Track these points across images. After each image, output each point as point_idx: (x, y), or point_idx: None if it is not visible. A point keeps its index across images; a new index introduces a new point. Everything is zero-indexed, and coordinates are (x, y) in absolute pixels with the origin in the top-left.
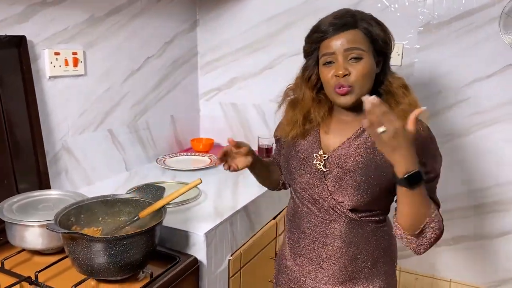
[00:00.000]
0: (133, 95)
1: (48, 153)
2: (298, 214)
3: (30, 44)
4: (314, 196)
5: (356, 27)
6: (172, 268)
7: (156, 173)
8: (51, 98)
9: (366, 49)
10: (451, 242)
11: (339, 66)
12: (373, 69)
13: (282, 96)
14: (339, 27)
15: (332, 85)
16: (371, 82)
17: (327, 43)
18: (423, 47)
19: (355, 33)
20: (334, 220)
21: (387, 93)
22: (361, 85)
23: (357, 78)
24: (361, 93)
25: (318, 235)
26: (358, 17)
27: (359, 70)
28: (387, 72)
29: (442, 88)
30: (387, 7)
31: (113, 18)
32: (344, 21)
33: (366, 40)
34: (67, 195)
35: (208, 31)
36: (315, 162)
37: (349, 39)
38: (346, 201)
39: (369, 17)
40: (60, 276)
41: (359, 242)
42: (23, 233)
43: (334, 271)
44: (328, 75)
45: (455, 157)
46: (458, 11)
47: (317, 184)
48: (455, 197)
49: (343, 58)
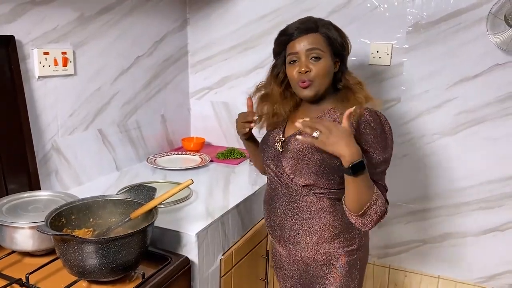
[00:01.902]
0: (123, 94)
1: (37, 154)
2: (271, 194)
3: (19, 44)
4: (276, 173)
5: (317, 31)
6: (164, 268)
7: (146, 172)
8: (40, 98)
9: (325, 50)
10: (439, 239)
11: (301, 64)
12: (330, 68)
13: (254, 90)
14: (303, 30)
15: (296, 80)
16: (329, 78)
17: (292, 44)
18: (412, 47)
19: (315, 36)
20: (296, 194)
21: (345, 87)
22: (320, 80)
23: (316, 75)
24: (319, 88)
25: (287, 208)
26: (319, 24)
27: (318, 68)
28: (344, 71)
29: (430, 87)
30: (377, 7)
31: (103, 17)
32: (307, 26)
33: (325, 43)
34: (57, 196)
35: (198, 30)
36: (276, 144)
37: (310, 41)
38: (298, 177)
39: (328, 24)
40: (51, 278)
41: (320, 216)
42: (13, 234)
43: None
44: (293, 72)
45: (442, 156)
46: (446, 12)
47: (276, 162)
48: (441, 195)
49: (305, 57)
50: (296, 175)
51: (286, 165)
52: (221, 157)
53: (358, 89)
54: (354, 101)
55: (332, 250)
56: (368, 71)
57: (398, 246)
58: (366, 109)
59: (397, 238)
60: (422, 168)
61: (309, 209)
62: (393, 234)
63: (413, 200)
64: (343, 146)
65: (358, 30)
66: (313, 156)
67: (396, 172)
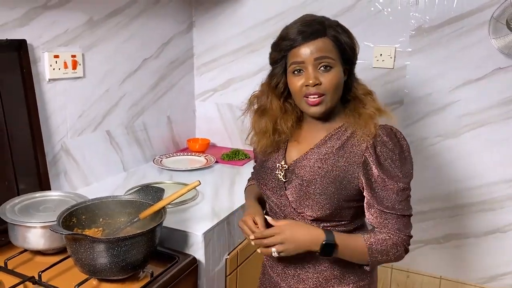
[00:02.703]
0: (131, 96)
1: (47, 155)
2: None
3: (30, 47)
4: (278, 205)
5: (325, 35)
6: (172, 267)
7: (153, 173)
8: (50, 101)
9: (336, 58)
10: (441, 240)
11: (309, 76)
12: (342, 78)
13: (247, 103)
14: (308, 35)
15: (302, 95)
16: (340, 91)
17: (296, 52)
18: (415, 50)
19: (324, 41)
20: None
21: (354, 99)
22: (332, 94)
23: (328, 88)
24: (332, 103)
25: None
26: (326, 24)
27: (330, 79)
28: (353, 79)
29: (432, 91)
30: (380, 11)
31: (111, 20)
32: (312, 29)
33: (335, 48)
34: (67, 196)
35: (204, 33)
36: (277, 173)
37: (318, 47)
38: (306, 211)
39: (335, 24)
40: (63, 276)
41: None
42: (26, 233)
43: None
44: (297, 84)
45: (444, 158)
46: (449, 16)
47: (278, 194)
48: (444, 196)
49: (313, 67)
50: (303, 208)
51: (291, 197)
52: (226, 158)
53: (368, 100)
54: (365, 116)
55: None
56: (371, 74)
57: None
58: (380, 127)
59: None
60: (424, 170)
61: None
62: None
63: (416, 201)
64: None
65: (361, 33)
66: (325, 188)
67: None
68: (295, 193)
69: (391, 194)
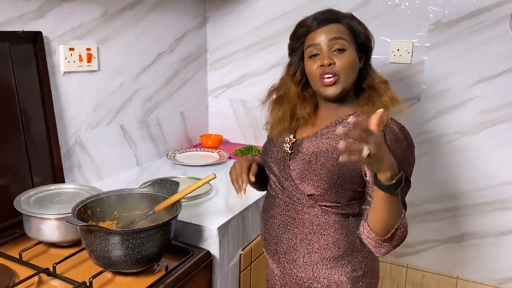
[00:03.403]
0: (145, 91)
1: (61, 148)
2: (269, 202)
3: (46, 39)
4: (279, 178)
5: (339, 22)
6: (186, 261)
7: (167, 168)
8: (65, 94)
9: (349, 40)
10: (458, 239)
11: (324, 56)
12: (356, 62)
13: (266, 94)
14: (323, 20)
15: (318, 76)
16: (355, 74)
17: (312, 36)
18: (433, 45)
19: (338, 26)
20: (299, 204)
21: (370, 87)
22: (346, 75)
23: (342, 68)
24: (346, 84)
25: (286, 219)
26: (340, 14)
27: (343, 60)
28: (369, 68)
29: (450, 86)
30: (398, 5)
31: (127, 14)
32: (327, 16)
33: (349, 34)
34: (82, 189)
35: (217, 28)
36: (284, 145)
37: (333, 30)
38: (305, 186)
39: (350, 16)
40: (77, 268)
41: (322, 232)
42: (40, 225)
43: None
44: (313, 67)
45: (462, 155)
46: (468, 10)
47: (281, 165)
48: (462, 194)
49: (328, 48)
50: (302, 181)
51: (293, 168)
52: (239, 154)
53: (383, 89)
54: (379, 105)
55: (334, 275)
56: (388, 70)
57: (416, 245)
58: (392, 119)
59: (416, 237)
60: (441, 168)
61: (312, 223)
62: (411, 233)
63: (432, 199)
64: (388, 162)
65: (378, 28)
66: (327, 162)
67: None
68: (298, 165)
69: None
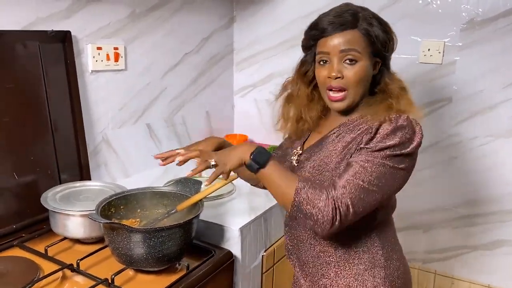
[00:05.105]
0: (171, 90)
1: (88, 146)
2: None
3: (74, 39)
4: None
5: (356, 27)
6: (208, 261)
7: (191, 167)
8: (92, 92)
9: (363, 51)
10: (490, 246)
11: (332, 68)
12: (368, 73)
13: (281, 87)
14: (337, 26)
15: (325, 87)
16: (365, 86)
17: (324, 42)
18: (466, 45)
19: (353, 33)
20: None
21: (382, 92)
22: (355, 88)
23: (350, 82)
24: (354, 99)
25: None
26: (360, 16)
27: (353, 73)
28: (385, 74)
29: (483, 88)
30: (429, 4)
31: (154, 14)
32: (343, 20)
33: (364, 41)
34: (107, 186)
35: (244, 28)
36: (292, 158)
37: (346, 39)
38: None
39: (370, 16)
40: (100, 265)
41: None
42: (66, 222)
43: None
44: (322, 75)
45: (494, 159)
46: (503, 8)
47: None
48: (493, 200)
49: (338, 59)
50: None
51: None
52: None
53: (396, 95)
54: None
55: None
56: (418, 70)
57: (445, 251)
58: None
59: (444, 243)
60: (472, 172)
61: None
62: (440, 239)
63: (462, 204)
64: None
65: (408, 27)
66: (333, 171)
67: (444, 174)
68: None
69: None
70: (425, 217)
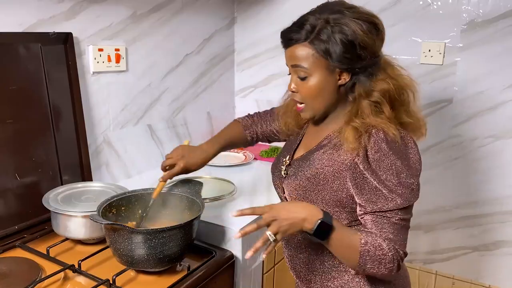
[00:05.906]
0: (172, 91)
1: (90, 147)
2: None
3: (76, 40)
4: (280, 198)
5: (307, 39)
6: (208, 262)
7: None
8: (94, 93)
9: (313, 67)
10: (491, 247)
11: (290, 81)
12: (324, 86)
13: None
14: (287, 40)
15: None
16: (326, 97)
17: (285, 53)
18: (466, 46)
19: (302, 48)
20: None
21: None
22: (312, 103)
23: (304, 97)
24: (315, 110)
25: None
26: (318, 26)
27: (305, 89)
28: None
29: (484, 89)
30: (430, 5)
31: (155, 15)
32: (292, 35)
33: (315, 55)
34: (109, 187)
35: (245, 29)
36: (281, 167)
37: (294, 55)
38: None
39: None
40: (102, 266)
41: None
42: (67, 222)
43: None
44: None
45: (496, 160)
46: (504, 9)
47: (279, 188)
48: (494, 201)
49: (293, 72)
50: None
51: (287, 194)
52: (264, 155)
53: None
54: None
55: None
56: (419, 71)
57: (446, 252)
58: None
59: (445, 243)
60: (473, 172)
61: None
62: (441, 239)
63: (463, 205)
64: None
65: (409, 28)
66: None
67: (446, 175)
68: (289, 189)
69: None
70: (426, 217)
